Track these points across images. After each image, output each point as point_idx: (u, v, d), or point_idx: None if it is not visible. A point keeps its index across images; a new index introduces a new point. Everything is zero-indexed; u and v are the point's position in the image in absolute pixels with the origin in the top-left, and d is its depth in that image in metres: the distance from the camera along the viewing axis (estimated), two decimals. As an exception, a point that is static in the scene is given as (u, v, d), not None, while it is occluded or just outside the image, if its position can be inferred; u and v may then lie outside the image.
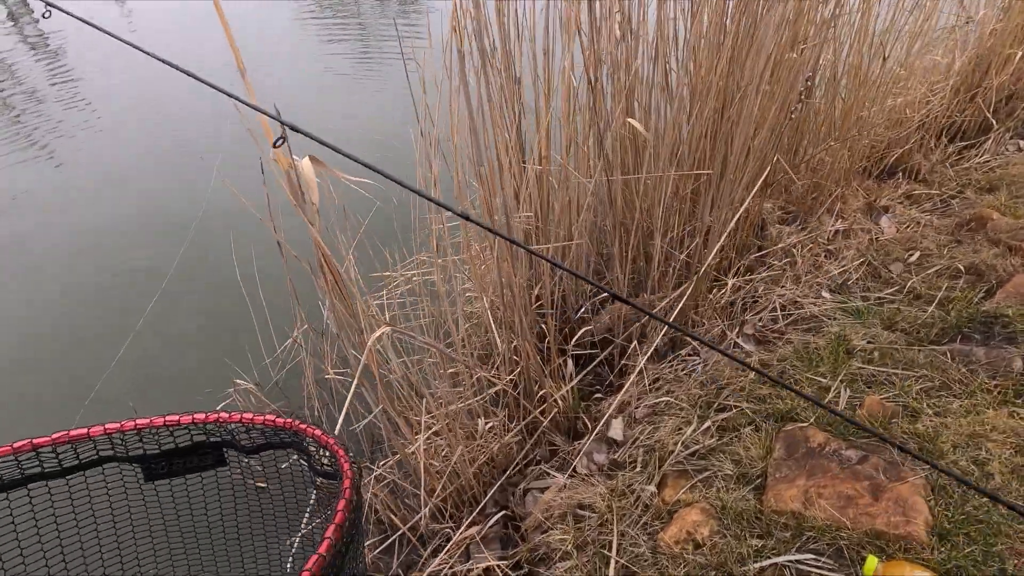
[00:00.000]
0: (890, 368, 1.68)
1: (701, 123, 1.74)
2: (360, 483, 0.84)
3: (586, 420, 1.86)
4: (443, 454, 1.60)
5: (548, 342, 1.89)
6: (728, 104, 1.67)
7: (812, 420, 1.56)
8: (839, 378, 1.69)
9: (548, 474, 1.76)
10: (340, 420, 1.19)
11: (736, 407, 1.72)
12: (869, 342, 1.83)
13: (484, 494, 1.67)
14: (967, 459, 1.33)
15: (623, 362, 2.00)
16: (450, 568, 1.54)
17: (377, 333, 1.14)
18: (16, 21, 7.11)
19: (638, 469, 1.63)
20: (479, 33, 1.22)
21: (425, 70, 1.31)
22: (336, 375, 1.73)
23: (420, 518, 1.53)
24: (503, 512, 1.65)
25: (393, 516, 1.60)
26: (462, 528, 1.58)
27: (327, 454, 0.89)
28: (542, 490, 1.74)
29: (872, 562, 1.09)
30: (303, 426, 0.91)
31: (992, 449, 1.34)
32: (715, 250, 1.89)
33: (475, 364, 1.56)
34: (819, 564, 1.21)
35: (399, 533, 1.58)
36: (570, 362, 1.89)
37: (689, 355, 2.03)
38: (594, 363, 1.97)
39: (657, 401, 1.85)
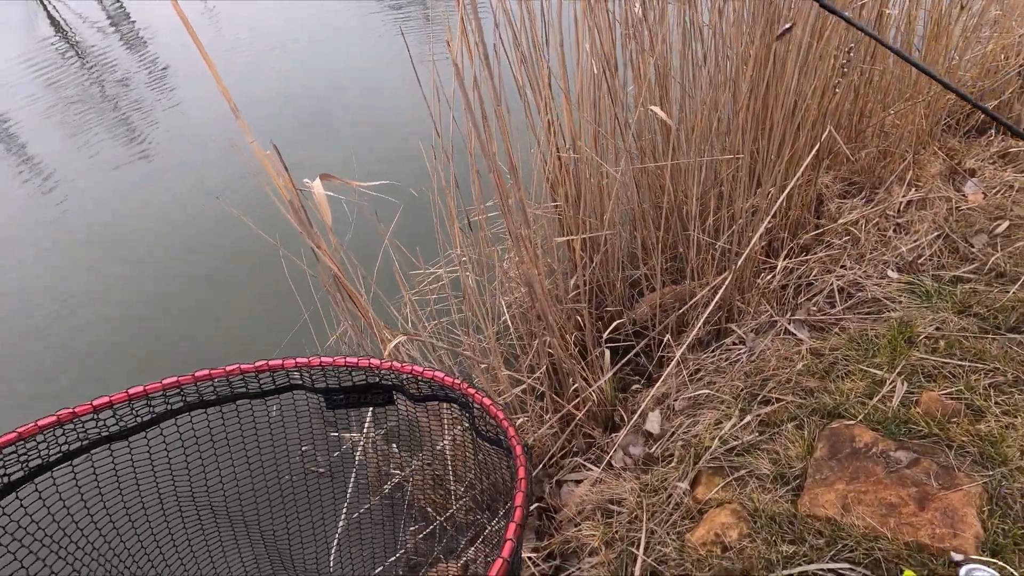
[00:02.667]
0: (957, 359, 1.53)
1: (739, 99, 1.62)
2: (531, 469, 0.85)
3: (623, 412, 1.84)
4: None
5: (584, 334, 1.88)
6: (766, 77, 1.54)
7: (860, 418, 1.46)
8: (896, 370, 1.56)
9: (584, 466, 1.77)
10: (368, 421, 1.26)
11: (780, 400, 1.64)
12: (936, 329, 1.67)
13: (520, 485, 1.71)
14: (1035, 466, 1.20)
15: (662, 353, 1.95)
16: (486, 556, 1.60)
17: (392, 344, 1.18)
18: (116, 25, 7.71)
19: (673, 464, 1.61)
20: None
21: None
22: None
23: (453, 510, 1.59)
24: (538, 504, 1.69)
25: (431, 508, 1.68)
26: (497, 519, 1.63)
27: (492, 422, 0.91)
28: (578, 482, 1.75)
29: (908, 578, 1.02)
30: (471, 390, 0.93)
31: (1067, 455, 1.20)
32: (760, 232, 1.78)
33: (499, 363, 1.58)
34: (855, 574, 1.15)
35: (437, 523, 1.65)
36: (607, 353, 1.87)
37: (734, 344, 1.95)
38: (630, 354, 1.93)
39: (697, 393, 1.80)
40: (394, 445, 1.88)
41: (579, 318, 1.90)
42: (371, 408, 1.11)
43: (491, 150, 1.21)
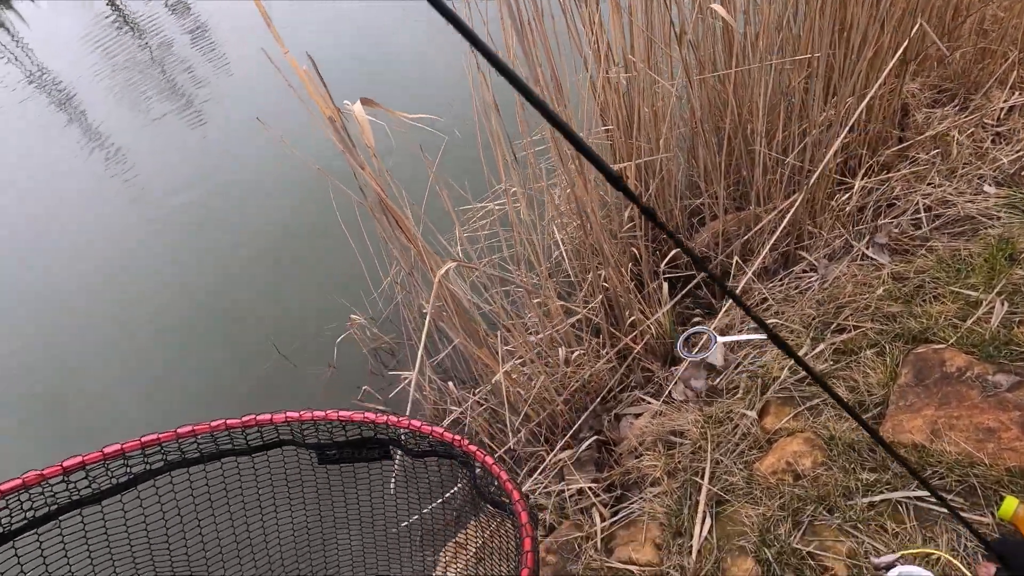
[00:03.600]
0: (1069, 275, 1.36)
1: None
2: (538, 536, 0.75)
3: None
4: (533, 383, 1.63)
5: (641, 266, 1.80)
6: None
7: (952, 341, 1.33)
8: (995, 290, 1.40)
9: (643, 400, 1.73)
10: (420, 354, 1.25)
11: (858, 328, 1.52)
12: (1044, 244, 1.49)
13: (577, 419, 1.69)
14: None
15: (727, 283, 1.84)
16: (544, 488, 1.60)
17: (444, 269, 1.15)
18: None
19: (739, 396, 1.53)
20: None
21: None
22: (430, 309, 1.80)
23: (511, 443, 1.59)
24: (596, 437, 1.66)
25: (490, 441, 1.69)
26: (554, 451, 1.62)
27: (495, 484, 0.86)
28: (637, 415, 1.71)
29: (1011, 504, 0.92)
30: (472, 448, 0.88)
31: None
32: (834, 148, 1.62)
33: (551, 294, 1.53)
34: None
35: (496, 456, 1.66)
36: (664, 285, 1.78)
37: (804, 271, 1.82)
38: (690, 285, 1.84)
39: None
40: (451, 383, 1.90)
41: (635, 250, 1.81)
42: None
43: (535, 59, 1.12)
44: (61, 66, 6.46)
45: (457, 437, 0.90)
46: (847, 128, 1.65)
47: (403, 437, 0.95)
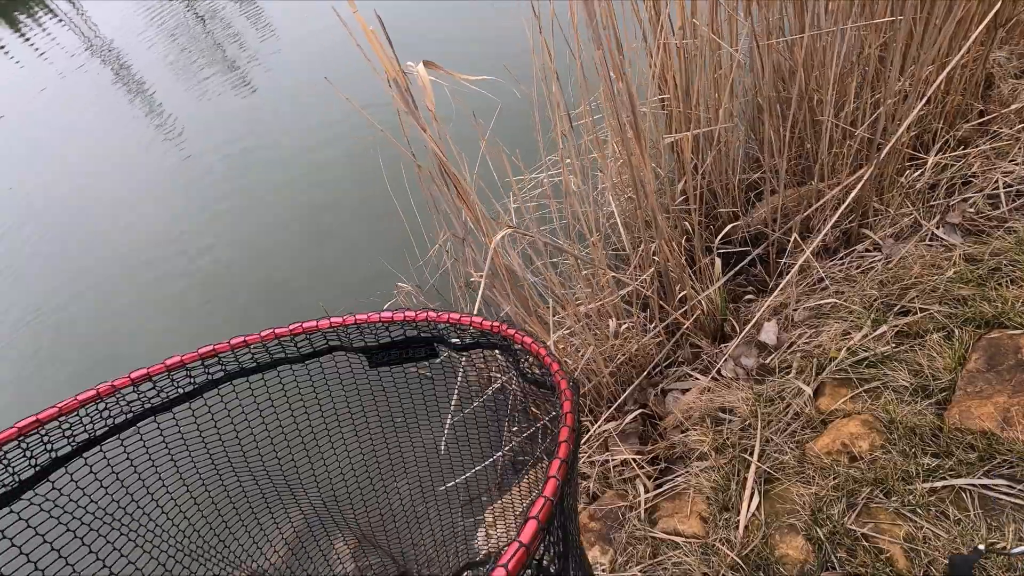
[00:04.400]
0: None
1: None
2: (579, 403, 0.78)
3: (734, 323, 1.73)
4: (581, 354, 1.63)
5: (693, 240, 1.76)
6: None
7: (1030, 326, 1.26)
8: (1081, 275, 1.32)
9: (691, 376, 1.71)
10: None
11: (924, 310, 1.45)
12: None
13: (623, 392, 1.68)
14: None
15: (783, 260, 1.79)
16: (588, 458, 1.61)
17: (500, 235, 1.15)
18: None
19: (792, 375, 1.50)
20: None
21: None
22: (479, 277, 1.81)
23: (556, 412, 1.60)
24: (641, 410, 1.66)
25: (536, 409, 1.70)
26: (599, 423, 1.62)
27: (536, 362, 0.85)
28: (683, 391, 1.70)
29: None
30: (511, 331, 0.88)
31: None
32: (909, 120, 1.53)
33: (602, 265, 1.52)
34: (1013, 492, 1.02)
35: (540, 424, 1.68)
36: (717, 261, 1.74)
37: (867, 251, 1.74)
38: (744, 261, 1.79)
39: (822, 303, 1.65)
40: (497, 351, 1.92)
41: (687, 224, 1.77)
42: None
43: (599, 22, 1.09)
44: (117, 34, 6.67)
45: (496, 324, 0.90)
46: (924, 100, 1.55)
47: (444, 332, 0.95)
